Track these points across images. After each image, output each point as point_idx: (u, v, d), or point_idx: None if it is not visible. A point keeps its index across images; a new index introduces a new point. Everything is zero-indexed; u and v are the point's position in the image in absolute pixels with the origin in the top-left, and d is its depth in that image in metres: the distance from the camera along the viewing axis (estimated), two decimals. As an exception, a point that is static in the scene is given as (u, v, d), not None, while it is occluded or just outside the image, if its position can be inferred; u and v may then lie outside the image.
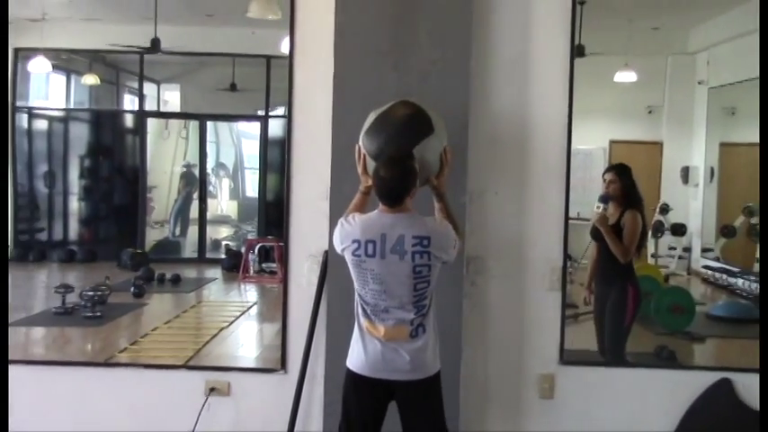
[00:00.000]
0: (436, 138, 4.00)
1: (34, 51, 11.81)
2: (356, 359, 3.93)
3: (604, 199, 6.07)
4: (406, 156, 3.86)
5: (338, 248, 3.97)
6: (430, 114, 4.03)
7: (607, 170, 6.39)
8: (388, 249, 3.77)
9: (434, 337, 3.94)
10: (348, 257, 3.89)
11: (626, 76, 9.58)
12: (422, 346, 3.86)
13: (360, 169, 4.11)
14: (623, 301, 6.03)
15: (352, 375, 3.95)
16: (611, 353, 5.99)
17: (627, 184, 6.17)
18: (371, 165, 4.00)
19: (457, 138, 4.56)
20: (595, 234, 6.11)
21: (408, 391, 3.89)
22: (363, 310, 3.90)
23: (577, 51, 5.08)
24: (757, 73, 9.38)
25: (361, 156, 4.08)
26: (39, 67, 12.21)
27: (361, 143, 4.08)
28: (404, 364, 3.83)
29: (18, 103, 12.57)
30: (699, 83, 9.99)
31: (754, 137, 10.21)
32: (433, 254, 3.80)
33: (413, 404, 3.92)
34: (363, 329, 3.90)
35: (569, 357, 5.03)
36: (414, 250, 3.76)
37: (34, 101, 13.20)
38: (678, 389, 5.04)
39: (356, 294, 3.94)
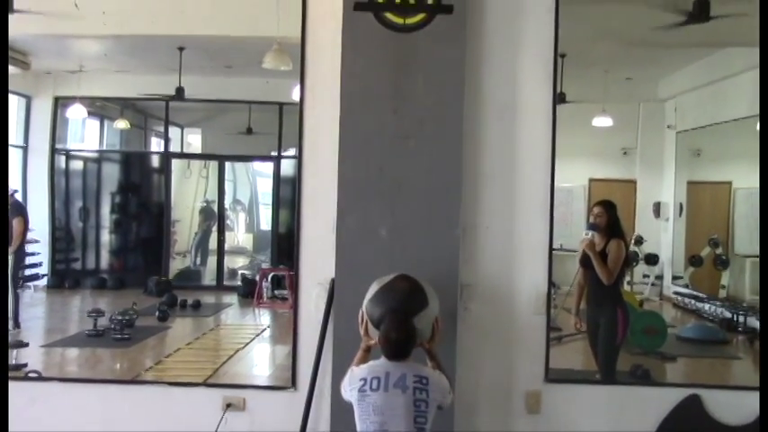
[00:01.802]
0: (430, 309, 4.03)
1: (72, 99, 11.85)
2: None
3: (593, 227, 6.18)
4: (410, 321, 3.89)
5: (347, 394, 3.92)
6: (425, 288, 4.06)
7: (596, 204, 6.45)
8: (391, 384, 3.76)
9: None
10: (354, 396, 3.83)
11: (603, 121, 9.63)
12: None
13: (362, 331, 4.12)
14: (614, 322, 6.10)
15: None
16: (604, 370, 6.04)
17: (612, 217, 6.25)
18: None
19: (451, 176, 4.59)
20: (584, 261, 6.17)
21: None
22: None
23: (559, 99, 5.09)
24: (719, 118, 9.51)
25: (364, 321, 4.10)
26: (76, 113, 12.25)
27: (364, 309, 4.08)
28: None
29: (57, 146, 12.58)
30: (668, 127, 10.05)
31: (718, 176, 10.33)
32: (430, 394, 3.78)
33: None
34: None
35: (554, 375, 4.98)
36: (414, 386, 3.76)
37: (71, 144, 13.22)
38: (652, 404, 5.00)
39: None
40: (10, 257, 9.15)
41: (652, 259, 9.59)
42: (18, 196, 10.03)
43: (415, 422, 3.74)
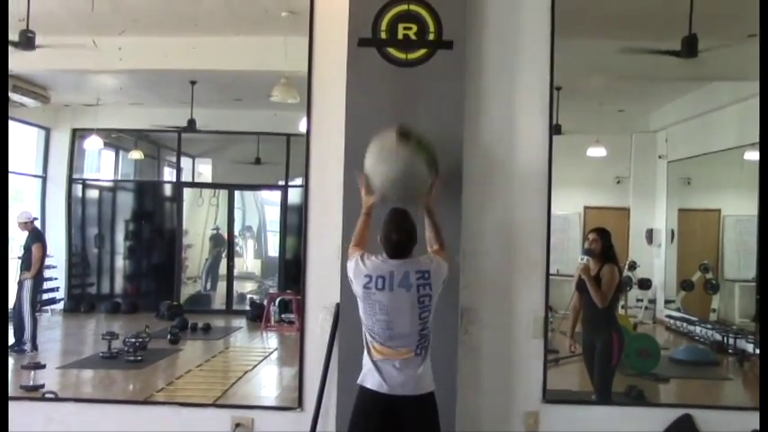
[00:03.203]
0: (428, 178, 4.16)
1: (89, 131, 11.93)
2: (366, 377, 3.95)
3: (588, 253, 6.21)
4: (410, 221, 3.98)
5: (350, 278, 4.04)
6: (423, 155, 4.15)
7: (591, 230, 6.49)
8: (396, 284, 3.88)
9: (429, 361, 3.97)
10: (359, 291, 3.95)
11: (597, 152, 9.64)
12: (422, 368, 3.92)
13: (363, 191, 4.22)
14: (610, 345, 6.10)
15: (362, 392, 3.96)
16: (600, 390, 6.03)
17: (606, 243, 6.27)
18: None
19: (452, 203, 4.60)
20: (580, 286, 6.20)
21: (411, 405, 3.89)
22: (372, 337, 3.95)
23: (555, 130, 5.09)
24: (708, 149, 9.54)
25: (364, 181, 4.21)
26: (92, 144, 12.32)
27: (366, 171, 4.20)
28: (407, 383, 3.88)
29: (74, 176, 12.62)
30: (659, 157, 10.06)
31: (708, 203, 10.34)
32: (432, 286, 3.91)
33: (415, 417, 3.90)
34: (372, 354, 3.94)
35: (551, 396, 4.96)
36: (418, 283, 3.89)
37: (88, 173, 13.25)
38: (646, 423, 4.97)
39: (364, 329, 3.98)
40: (29, 282, 9.17)
41: (645, 284, 9.56)
42: (37, 224, 10.02)
43: (420, 318, 3.90)
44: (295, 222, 12.31)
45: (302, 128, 5.14)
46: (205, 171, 14.48)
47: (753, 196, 4.88)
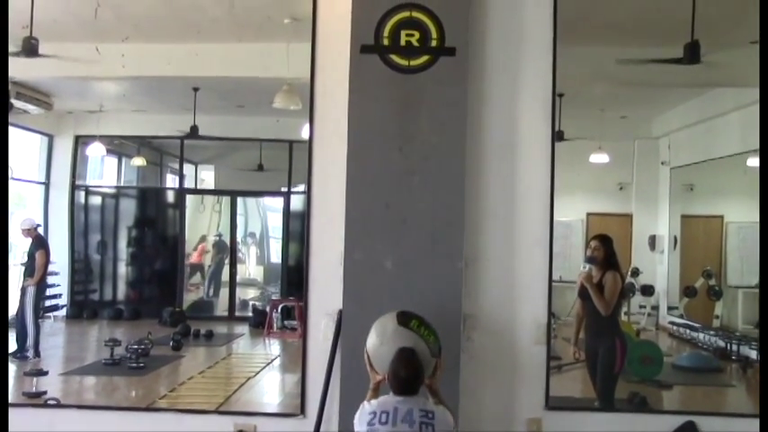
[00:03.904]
0: (431, 359, 4.07)
1: (92, 138, 11.94)
2: None
3: (590, 260, 6.17)
4: (417, 359, 3.93)
5: (357, 428, 3.94)
6: (425, 338, 4.07)
7: (593, 238, 6.45)
8: (399, 419, 3.79)
9: None
10: (364, 430, 3.86)
11: (600, 158, 9.65)
12: None
13: (369, 369, 4.12)
14: (613, 351, 6.06)
15: None
16: (603, 397, 5.99)
17: (608, 250, 6.23)
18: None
19: (454, 210, 4.62)
20: (582, 293, 6.16)
21: None
22: None
23: (558, 136, 5.10)
24: (711, 155, 9.54)
25: (369, 360, 4.13)
26: (95, 151, 12.36)
27: (367, 351, 4.12)
28: None
29: (77, 182, 12.64)
30: (662, 163, 10.07)
31: (710, 210, 10.35)
32: (436, 428, 3.81)
33: None
34: None
35: (554, 403, 4.96)
36: (421, 421, 3.80)
37: (90, 180, 13.26)
38: (649, 430, 4.97)
39: None
40: (32, 289, 9.18)
41: (648, 290, 9.57)
42: (40, 230, 10.03)
43: None
44: (298, 229, 12.31)
45: (305, 134, 5.15)
46: (208, 178, 14.49)
47: (756, 203, 4.87)
